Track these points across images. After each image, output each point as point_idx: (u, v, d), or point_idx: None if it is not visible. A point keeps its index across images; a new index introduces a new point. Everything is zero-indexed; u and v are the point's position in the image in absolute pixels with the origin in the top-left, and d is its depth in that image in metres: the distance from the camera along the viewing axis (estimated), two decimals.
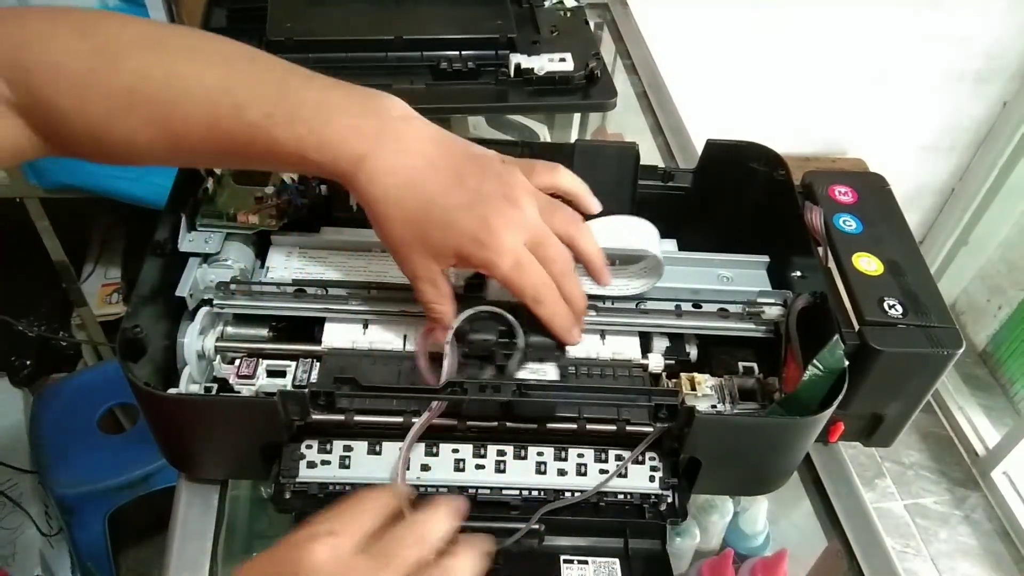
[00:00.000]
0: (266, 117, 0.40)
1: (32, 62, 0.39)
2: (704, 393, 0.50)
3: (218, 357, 0.50)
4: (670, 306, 0.53)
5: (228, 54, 0.42)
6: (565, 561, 0.48)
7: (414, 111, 0.44)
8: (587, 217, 0.50)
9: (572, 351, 0.51)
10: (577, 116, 0.97)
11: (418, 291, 0.45)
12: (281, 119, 0.40)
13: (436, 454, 0.47)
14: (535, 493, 0.47)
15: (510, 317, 0.47)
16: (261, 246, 0.55)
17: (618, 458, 0.48)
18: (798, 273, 0.53)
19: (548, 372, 0.49)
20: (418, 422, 0.45)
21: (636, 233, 0.51)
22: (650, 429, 0.46)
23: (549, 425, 0.46)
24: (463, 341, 0.47)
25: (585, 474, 0.47)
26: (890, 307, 0.49)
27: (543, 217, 0.44)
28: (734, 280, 0.55)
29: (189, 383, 0.47)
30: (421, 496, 0.46)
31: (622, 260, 0.54)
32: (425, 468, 0.47)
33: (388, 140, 0.42)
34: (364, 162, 0.41)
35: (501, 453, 0.48)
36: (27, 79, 0.39)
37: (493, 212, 0.42)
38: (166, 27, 0.43)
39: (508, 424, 0.46)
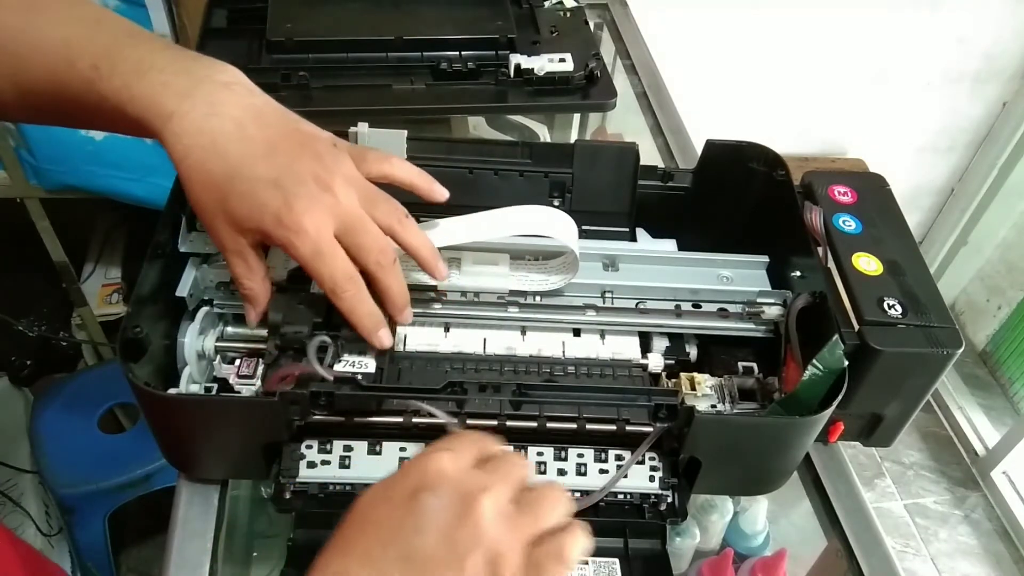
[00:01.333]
0: (92, 69, 0.41)
1: None
2: (704, 393, 0.50)
3: (218, 357, 0.50)
4: (670, 306, 0.53)
5: (82, 15, 0.43)
6: None
7: (247, 81, 0.43)
8: (590, 218, 0.49)
9: (571, 351, 0.51)
10: (577, 116, 0.98)
11: (228, 264, 0.44)
12: (105, 72, 0.41)
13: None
14: None
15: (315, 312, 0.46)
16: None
17: (618, 458, 0.48)
18: (798, 273, 0.53)
19: (368, 365, 0.47)
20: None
21: (555, 226, 0.51)
22: (650, 429, 0.46)
23: (549, 425, 0.46)
24: (276, 334, 0.46)
25: (585, 474, 0.47)
26: (890, 307, 0.49)
27: (364, 207, 0.42)
28: (734, 280, 0.55)
29: (189, 383, 0.48)
30: None
31: (540, 255, 0.54)
32: None
33: (199, 100, 0.41)
34: (171, 119, 0.40)
35: None
36: None
37: (300, 192, 0.40)
38: None
39: (508, 424, 0.46)
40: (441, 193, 0.48)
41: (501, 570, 0.33)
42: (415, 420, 0.45)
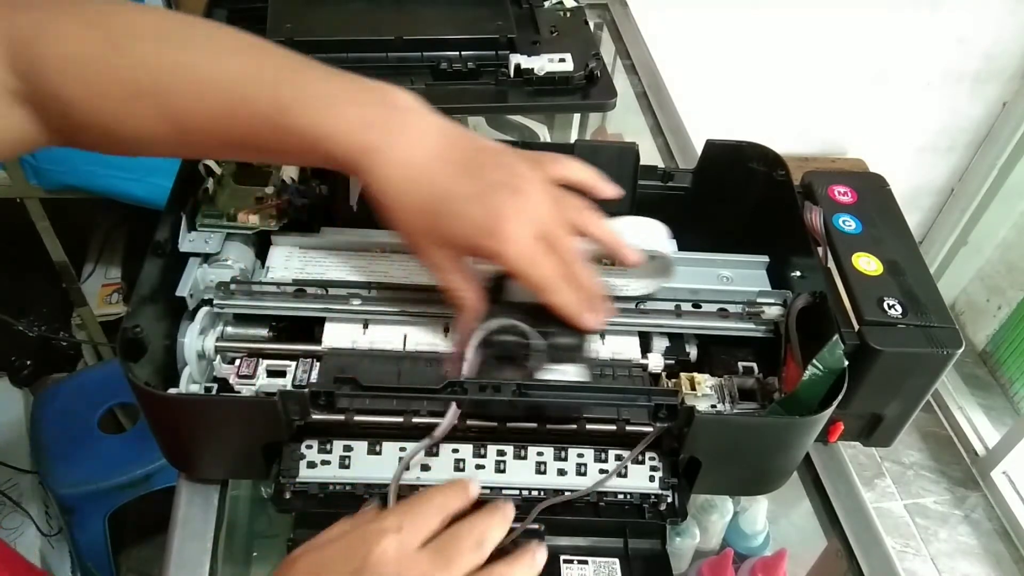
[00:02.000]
0: (276, 106, 0.40)
1: (41, 52, 0.39)
2: (704, 393, 0.50)
3: (218, 357, 0.50)
4: (670, 306, 0.53)
5: (239, 45, 0.42)
6: (565, 561, 0.48)
7: (421, 102, 0.44)
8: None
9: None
10: (577, 116, 0.97)
11: (441, 280, 0.45)
12: (291, 109, 0.40)
13: (436, 454, 0.47)
14: (535, 493, 0.47)
15: (522, 325, 0.47)
16: (261, 246, 0.55)
17: (618, 458, 0.48)
18: (798, 273, 0.53)
19: (569, 373, 0.48)
20: (443, 423, 0.45)
21: (647, 233, 0.51)
22: (650, 429, 0.46)
23: (549, 425, 0.46)
24: (486, 344, 0.47)
25: (585, 474, 0.47)
26: (890, 307, 0.49)
27: (552, 208, 0.44)
28: (734, 280, 0.55)
29: (189, 383, 0.48)
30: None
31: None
32: (425, 468, 0.47)
33: (397, 131, 0.42)
34: (373, 153, 0.41)
35: (501, 453, 0.48)
36: (36, 69, 0.39)
37: (501, 202, 0.42)
38: (179, 16, 0.43)
39: (508, 424, 0.46)
40: (611, 190, 0.48)
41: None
42: (415, 420, 0.45)
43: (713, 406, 0.50)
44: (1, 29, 0.40)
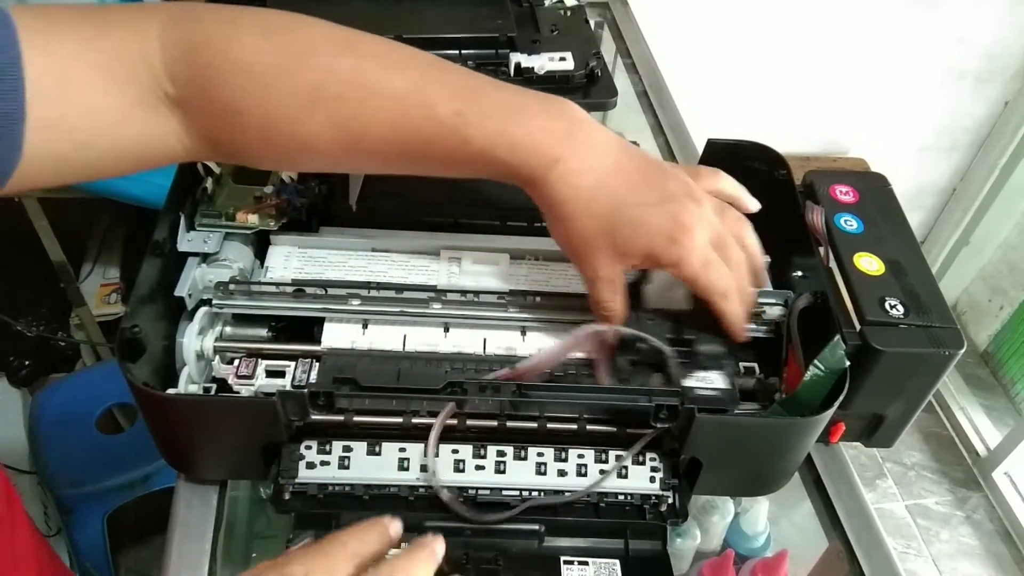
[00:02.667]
0: (457, 115, 0.41)
1: (211, 61, 0.39)
2: None
3: (217, 357, 0.49)
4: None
5: (414, 59, 0.43)
6: (565, 562, 0.47)
7: (591, 117, 0.44)
8: None
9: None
10: None
11: (595, 290, 0.46)
12: (472, 118, 0.41)
13: (436, 455, 0.47)
14: (535, 494, 0.47)
15: (652, 339, 0.47)
16: (260, 246, 0.55)
17: (618, 458, 0.48)
18: (799, 273, 0.53)
19: (715, 381, 0.49)
20: (436, 423, 0.44)
21: None
22: (650, 429, 0.46)
23: (549, 426, 0.46)
24: (630, 349, 0.48)
25: (585, 475, 0.47)
26: (891, 307, 0.49)
27: (720, 218, 0.45)
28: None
29: (188, 383, 0.47)
30: (421, 498, 0.46)
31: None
32: (425, 468, 0.47)
33: (577, 143, 0.42)
34: (556, 163, 0.42)
35: (501, 454, 0.47)
36: (203, 78, 0.39)
37: (682, 210, 0.42)
38: (349, 30, 0.43)
39: (508, 424, 0.46)
40: (756, 204, 0.50)
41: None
42: (414, 421, 0.45)
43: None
44: (165, 36, 0.39)
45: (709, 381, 0.49)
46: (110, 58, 0.38)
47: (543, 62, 0.77)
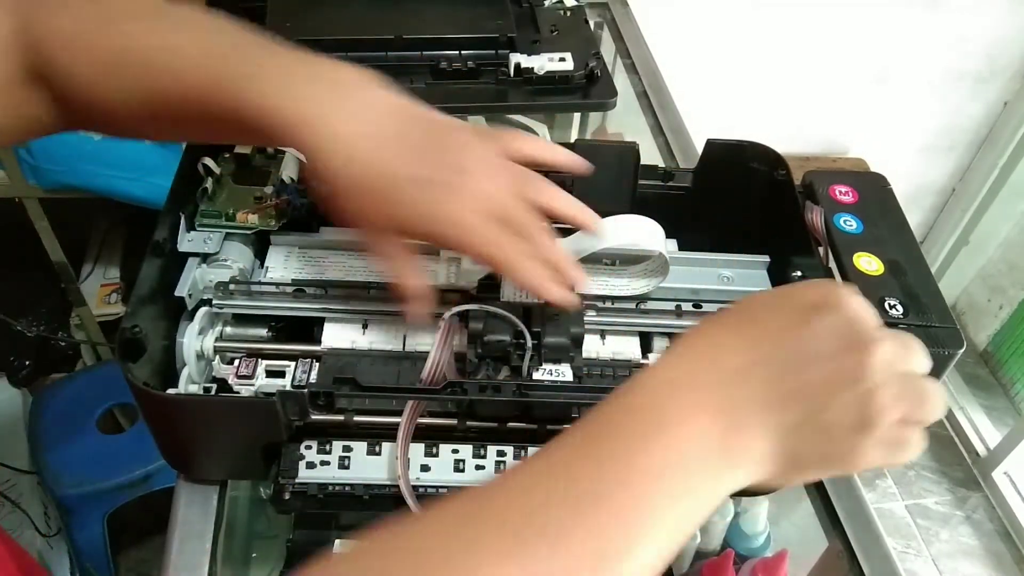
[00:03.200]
0: (231, 84, 0.40)
1: (43, 27, 0.41)
2: None
3: (217, 357, 0.49)
4: (670, 306, 0.52)
5: (214, 26, 0.43)
6: None
7: (374, 79, 0.43)
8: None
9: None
10: (577, 116, 0.97)
11: (386, 269, 0.44)
12: (245, 86, 0.40)
13: (436, 455, 0.47)
14: None
15: (516, 320, 0.47)
16: (260, 246, 0.55)
17: None
18: (799, 273, 0.53)
19: (564, 373, 0.48)
20: (402, 422, 0.44)
21: (641, 232, 0.51)
22: None
23: (549, 426, 0.46)
24: (477, 342, 0.47)
25: None
26: (891, 307, 0.49)
27: (514, 188, 0.42)
28: (734, 280, 0.55)
29: (188, 383, 0.47)
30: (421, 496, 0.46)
31: (623, 260, 0.54)
32: (425, 468, 0.47)
33: (338, 105, 0.41)
34: (310, 126, 0.40)
35: (501, 454, 0.47)
36: (39, 44, 0.41)
37: (447, 185, 0.40)
38: (172, 2, 0.44)
39: (508, 425, 0.46)
40: (584, 166, 0.48)
41: (871, 414, 0.31)
42: (416, 421, 0.45)
43: None
44: (15, 9, 0.41)
45: (559, 374, 0.48)
46: None
47: (543, 62, 0.77)
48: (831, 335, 0.32)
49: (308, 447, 0.47)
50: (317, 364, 0.49)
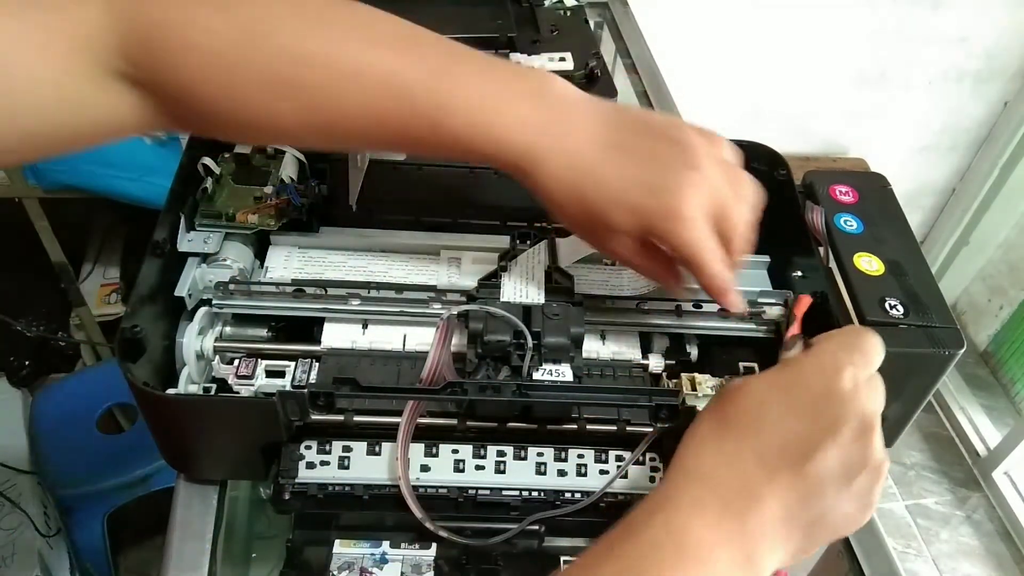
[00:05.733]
0: (436, 108, 0.39)
1: (168, 43, 0.37)
2: (704, 393, 0.50)
3: (217, 357, 0.49)
4: (670, 306, 0.52)
5: (391, 31, 0.40)
6: (565, 563, 0.47)
7: (578, 90, 0.42)
8: None
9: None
10: None
11: (637, 270, 0.44)
12: (450, 108, 0.38)
13: (436, 455, 0.47)
14: (535, 494, 0.47)
15: (516, 320, 0.47)
16: (260, 246, 0.55)
17: (618, 459, 0.48)
18: (799, 273, 0.53)
19: (565, 373, 0.48)
20: (401, 422, 0.44)
21: None
22: (650, 429, 0.46)
23: (549, 426, 0.46)
24: (477, 342, 0.47)
25: (585, 475, 0.47)
26: (891, 307, 0.49)
27: (725, 183, 0.41)
28: (734, 280, 0.55)
29: (188, 383, 0.47)
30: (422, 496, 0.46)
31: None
32: (425, 468, 0.47)
33: (557, 129, 0.40)
34: (534, 153, 0.39)
35: (501, 454, 0.47)
36: (160, 60, 0.37)
37: (673, 183, 0.40)
38: None
39: (508, 425, 0.46)
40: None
41: (874, 496, 0.35)
42: (416, 421, 0.45)
43: None
44: (119, 11, 0.36)
45: (559, 374, 0.48)
46: (53, 37, 0.35)
47: (543, 62, 0.77)
48: (844, 449, 0.34)
49: (308, 447, 0.47)
50: (317, 364, 0.49)
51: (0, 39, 0.34)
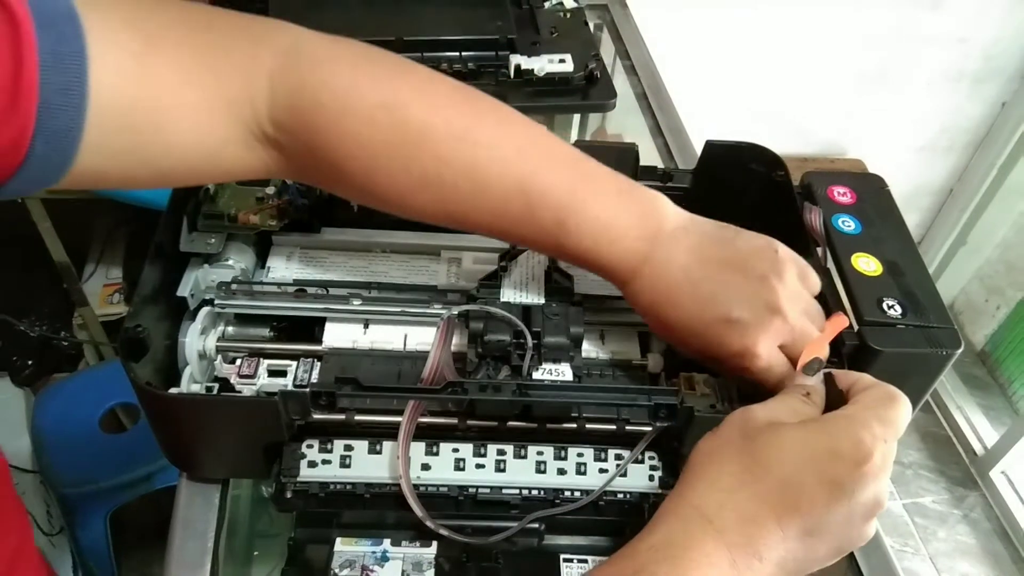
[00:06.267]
0: (557, 225, 0.42)
1: (322, 123, 0.39)
2: (703, 392, 0.50)
3: (219, 357, 0.50)
4: None
5: (528, 146, 0.43)
6: (565, 560, 0.48)
7: (682, 212, 0.46)
8: None
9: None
10: (577, 117, 0.98)
11: (752, 376, 0.45)
12: (570, 229, 0.42)
13: (436, 453, 0.48)
14: (535, 493, 0.47)
15: (516, 320, 0.47)
16: (262, 246, 0.56)
17: (617, 457, 0.48)
18: None
19: (564, 373, 0.49)
20: (402, 422, 0.45)
21: None
22: (649, 428, 0.46)
23: (549, 425, 0.46)
24: (477, 342, 0.47)
25: (585, 473, 0.48)
26: (889, 307, 0.49)
27: (805, 311, 0.44)
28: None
29: (190, 383, 0.48)
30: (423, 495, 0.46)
31: None
32: (425, 467, 0.47)
33: (656, 259, 0.44)
34: (634, 279, 0.44)
35: (501, 453, 0.48)
36: (310, 133, 0.39)
37: (752, 323, 0.42)
38: (471, 99, 0.42)
39: (508, 424, 0.46)
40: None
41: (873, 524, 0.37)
42: (417, 420, 0.45)
43: (712, 406, 0.50)
44: (275, 80, 0.38)
45: (559, 373, 0.48)
46: (208, 95, 0.37)
47: (543, 64, 0.77)
48: (858, 523, 0.36)
49: (310, 446, 0.47)
50: (319, 364, 0.49)
51: (158, 91, 0.36)
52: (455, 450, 0.48)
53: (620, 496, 0.48)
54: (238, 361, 0.49)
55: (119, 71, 0.34)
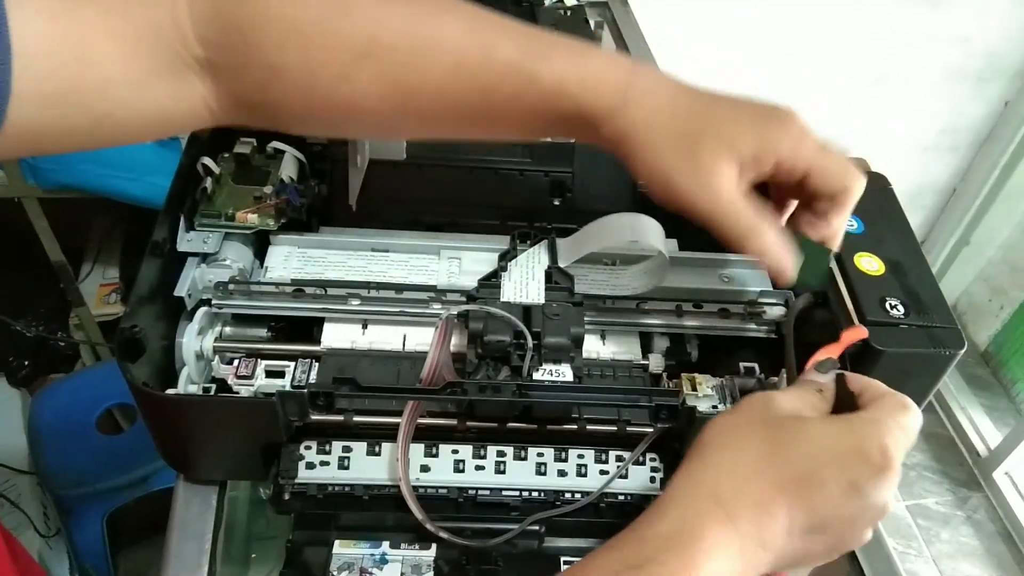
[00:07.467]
0: (522, 53, 0.39)
1: (247, 17, 0.37)
2: (705, 393, 0.50)
3: (216, 357, 0.49)
4: (671, 306, 0.52)
5: (471, 9, 0.40)
6: (566, 562, 0.47)
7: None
8: (590, 218, 0.49)
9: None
10: None
11: (730, 227, 0.41)
12: (538, 55, 0.39)
13: (436, 455, 0.47)
14: (535, 494, 0.47)
15: (516, 320, 0.47)
16: (260, 246, 0.55)
17: (618, 459, 0.48)
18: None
19: (565, 373, 0.48)
20: (402, 423, 0.44)
21: (641, 231, 0.51)
22: (650, 429, 0.46)
23: (549, 426, 0.46)
24: (477, 342, 0.47)
25: (585, 475, 0.47)
26: (892, 307, 0.49)
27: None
28: (735, 280, 0.55)
29: (188, 383, 0.47)
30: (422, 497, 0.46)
31: (623, 260, 0.54)
32: (424, 469, 0.47)
33: (643, 71, 0.40)
34: (628, 88, 0.39)
35: (501, 454, 0.47)
36: (237, 35, 0.37)
37: (785, 114, 0.44)
38: None
39: (508, 425, 0.46)
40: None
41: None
42: (416, 421, 0.45)
43: (714, 407, 0.50)
44: None
45: (559, 374, 0.48)
46: (132, 24, 0.36)
47: None
48: (877, 499, 0.37)
49: (308, 447, 0.47)
50: (317, 364, 0.49)
51: (81, 27, 0.35)
52: (455, 451, 0.47)
53: (621, 498, 0.48)
54: (236, 362, 0.49)
55: (39, 10, 0.33)
